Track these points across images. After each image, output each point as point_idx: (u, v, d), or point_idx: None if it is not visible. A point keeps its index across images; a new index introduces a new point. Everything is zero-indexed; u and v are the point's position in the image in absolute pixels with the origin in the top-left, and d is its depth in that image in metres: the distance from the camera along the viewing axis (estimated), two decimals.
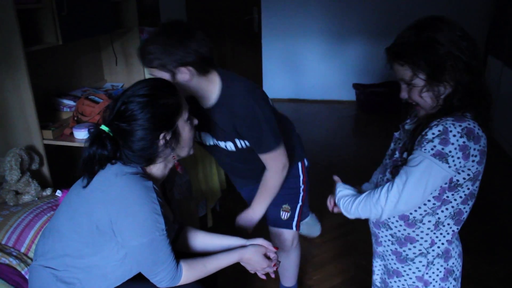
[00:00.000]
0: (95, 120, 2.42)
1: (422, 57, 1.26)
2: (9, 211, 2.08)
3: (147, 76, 3.43)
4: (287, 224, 2.15)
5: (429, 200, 1.33)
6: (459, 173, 1.28)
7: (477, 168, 1.29)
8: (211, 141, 1.94)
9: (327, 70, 6.23)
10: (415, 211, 1.36)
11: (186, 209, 2.55)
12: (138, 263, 1.40)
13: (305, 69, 6.28)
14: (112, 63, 3.40)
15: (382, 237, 1.51)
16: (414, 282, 1.46)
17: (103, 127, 1.38)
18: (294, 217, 2.16)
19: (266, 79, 6.16)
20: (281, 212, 2.13)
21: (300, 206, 2.17)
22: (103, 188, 1.36)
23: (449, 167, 1.24)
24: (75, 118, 2.45)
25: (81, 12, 2.58)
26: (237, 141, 1.87)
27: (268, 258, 1.63)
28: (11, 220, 2.01)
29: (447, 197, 1.32)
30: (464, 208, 1.36)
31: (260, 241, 1.65)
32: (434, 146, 1.23)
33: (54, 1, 2.33)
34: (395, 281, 1.51)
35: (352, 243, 2.97)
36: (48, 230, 1.52)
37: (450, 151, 1.22)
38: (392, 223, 1.44)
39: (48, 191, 2.25)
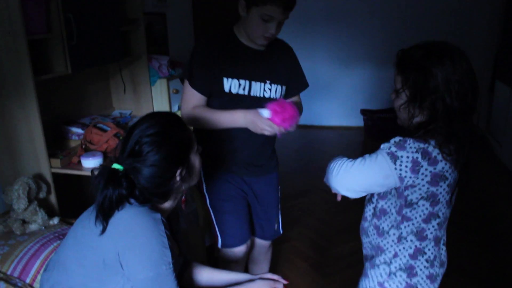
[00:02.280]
0: (103, 148, 2.42)
1: (415, 80, 1.35)
2: (16, 240, 2.07)
3: (155, 103, 3.46)
4: (279, 232, 2.36)
5: (392, 214, 1.45)
6: (411, 193, 1.38)
7: (428, 189, 1.36)
8: (267, 88, 2.00)
9: (334, 96, 6.24)
10: (384, 221, 1.48)
11: (193, 238, 2.53)
12: None
13: (313, 95, 6.28)
14: (121, 91, 3.43)
15: (365, 243, 1.62)
16: (375, 286, 1.53)
17: (117, 166, 1.35)
18: (280, 223, 2.36)
19: None
20: (275, 225, 2.29)
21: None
22: (110, 221, 1.34)
23: (395, 168, 1.33)
24: (83, 146, 2.46)
25: (90, 42, 2.62)
26: (283, 87, 2.11)
27: None
28: (17, 250, 2.00)
29: (406, 213, 1.41)
30: (427, 227, 1.43)
31: (269, 275, 1.63)
32: (390, 147, 1.35)
33: (64, 31, 2.36)
34: (363, 281, 1.60)
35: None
36: (53, 263, 1.50)
37: (401, 156, 1.32)
38: (370, 231, 1.55)
39: (55, 220, 2.24)
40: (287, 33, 6.02)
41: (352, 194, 1.47)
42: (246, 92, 1.96)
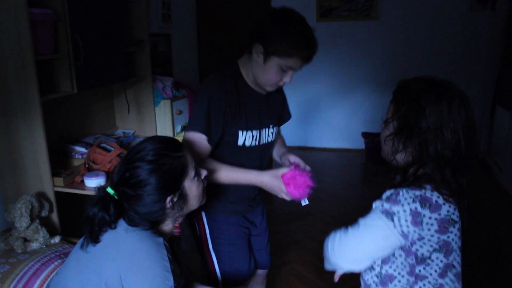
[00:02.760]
0: (106, 168, 2.44)
1: (405, 110, 1.28)
2: (17, 258, 2.06)
3: (159, 124, 3.48)
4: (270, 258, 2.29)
5: (402, 276, 1.31)
6: (420, 246, 1.25)
7: (439, 238, 1.23)
8: (270, 133, 1.94)
9: (336, 118, 6.28)
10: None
11: (194, 260, 2.52)
12: None
13: (315, 117, 6.33)
14: (124, 111, 3.46)
15: (368, 279, 1.46)
16: None
17: (109, 190, 1.38)
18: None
19: None
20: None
21: None
22: (113, 244, 1.35)
23: (394, 226, 1.22)
24: (86, 166, 2.47)
25: (96, 62, 2.65)
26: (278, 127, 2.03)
27: None
28: (18, 269, 2.00)
29: (420, 271, 1.28)
30: (445, 281, 1.28)
31: None
32: (383, 204, 1.25)
33: (71, 52, 2.40)
34: None
35: None
36: (54, 284, 1.49)
37: (398, 211, 1.21)
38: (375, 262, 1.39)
39: (57, 239, 2.24)
40: None
41: (357, 266, 1.34)
42: (257, 143, 1.87)
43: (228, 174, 1.77)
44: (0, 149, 2.30)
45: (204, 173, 1.55)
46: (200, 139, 1.71)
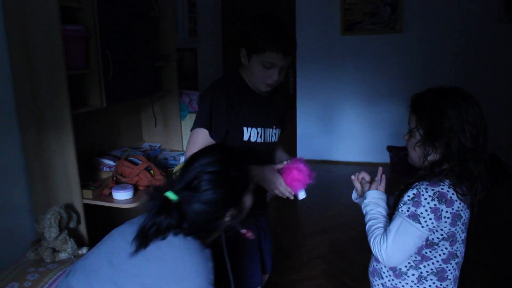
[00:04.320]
0: (134, 181, 2.47)
1: (429, 119, 1.43)
2: (46, 268, 2.11)
3: (185, 137, 3.51)
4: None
5: (411, 255, 1.47)
6: (433, 233, 1.42)
7: (449, 229, 1.42)
8: (273, 134, 1.99)
9: (361, 132, 6.24)
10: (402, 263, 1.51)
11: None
12: None
13: (339, 131, 6.31)
14: (151, 124, 3.51)
15: (375, 285, 1.61)
16: None
17: (171, 195, 1.36)
18: None
19: (300, 140, 6.22)
20: None
21: None
22: (159, 254, 1.32)
23: (422, 227, 1.38)
24: (114, 179, 2.51)
25: (125, 77, 2.71)
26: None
27: None
28: (47, 277, 2.04)
29: (426, 253, 1.46)
30: (447, 267, 1.47)
31: None
32: (409, 208, 1.40)
33: (101, 67, 2.46)
34: None
35: None
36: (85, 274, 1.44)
37: (421, 213, 1.38)
38: (384, 272, 1.56)
39: (84, 250, 2.27)
40: (314, 70, 6.15)
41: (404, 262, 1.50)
42: (262, 140, 1.94)
43: None
44: (31, 161, 2.37)
45: (251, 187, 1.52)
46: (203, 133, 1.81)
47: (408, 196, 1.42)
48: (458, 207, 1.40)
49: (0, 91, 2.26)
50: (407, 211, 1.40)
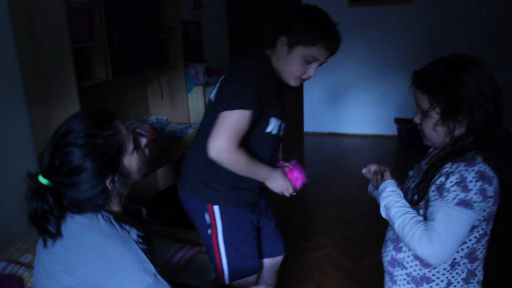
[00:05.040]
0: None
1: (443, 92, 1.29)
2: None
3: (191, 110, 3.51)
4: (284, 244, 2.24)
5: None
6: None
7: (491, 209, 1.31)
8: (284, 128, 1.91)
9: (368, 104, 6.21)
10: None
11: None
12: None
13: (346, 103, 6.28)
14: (158, 97, 3.52)
15: (397, 276, 1.49)
16: None
17: (42, 180, 1.24)
18: None
19: (307, 112, 6.19)
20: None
21: None
22: (77, 251, 1.25)
23: (474, 212, 1.25)
24: None
25: (130, 49, 2.70)
26: None
27: None
28: None
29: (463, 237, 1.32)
30: (478, 246, 1.37)
31: None
32: (457, 195, 1.25)
33: (106, 40, 2.45)
34: None
35: None
36: None
37: (471, 197, 1.24)
38: (408, 262, 1.44)
39: None
40: None
41: None
42: (277, 132, 1.83)
43: (254, 166, 1.71)
44: (38, 134, 2.38)
45: (144, 141, 1.42)
46: (246, 116, 1.61)
47: (451, 182, 1.26)
48: (496, 183, 1.29)
49: (6, 65, 2.26)
50: (454, 198, 1.24)
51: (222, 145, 1.57)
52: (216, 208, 1.83)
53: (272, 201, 2.20)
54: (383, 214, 1.42)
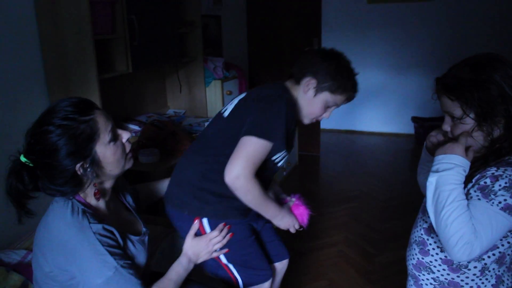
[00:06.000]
0: (159, 146, 2.51)
1: (476, 96, 1.22)
2: None
3: (209, 104, 3.53)
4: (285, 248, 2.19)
5: None
6: None
7: None
8: (286, 159, 1.89)
9: (385, 102, 6.17)
10: None
11: None
12: None
13: (363, 100, 6.24)
14: (176, 91, 3.54)
15: (423, 280, 1.46)
16: None
17: (22, 158, 1.28)
18: None
19: None
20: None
21: None
22: (48, 236, 1.31)
23: None
24: (140, 143, 2.56)
25: (150, 42, 2.72)
26: None
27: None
28: None
29: (496, 242, 1.28)
30: (507, 251, 1.33)
31: None
32: (505, 200, 1.19)
33: (127, 32, 2.47)
34: None
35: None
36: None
37: None
38: (435, 266, 1.40)
39: None
40: (340, 37, 6.06)
41: None
42: (281, 163, 1.80)
43: (261, 192, 1.64)
44: None
45: (126, 135, 1.43)
46: (269, 147, 1.60)
47: (500, 185, 1.20)
48: None
49: (29, 56, 2.30)
50: (500, 203, 1.19)
51: (240, 171, 1.54)
52: (205, 222, 1.72)
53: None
54: (431, 183, 1.27)
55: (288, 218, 1.79)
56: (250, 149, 1.56)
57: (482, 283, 1.35)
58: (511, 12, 5.35)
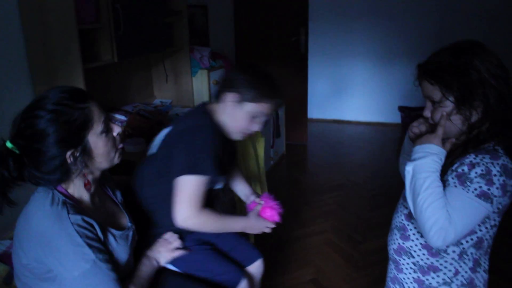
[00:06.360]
0: (146, 135, 2.51)
1: (455, 80, 1.25)
2: None
3: (196, 93, 3.53)
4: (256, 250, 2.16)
5: None
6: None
7: (507, 203, 1.28)
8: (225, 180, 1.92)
9: (372, 92, 6.21)
10: None
11: None
12: None
13: (351, 90, 6.27)
14: (162, 81, 3.53)
15: (403, 264, 1.48)
16: None
17: (8, 143, 1.25)
18: None
19: (311, 99, 6.19)
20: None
21: None
22: (26, 227, 1.29)
23: (491, 206, 1.23)
24: (127, 133, 2.55)
25: (136, 32, 2.71)
26: None
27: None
28: None
29: (474, 227, 1.31)
30: (485, 236, 1.35)
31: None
32: (480, 187, 1.21)
33: (112, 21, 2.46)
34: None
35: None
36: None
37: (493, 192, 1.21)
38: (415, 251, 1.43)
39: None
40: (327, 27, 6.06)
41: None
42: (221, 185, 1.85)
43: (216, 218, 1.70)
44: None
45: (117, 129, 1.43)
46: (205, 180, 1.62)
47: (476, 173, 1.22)
48: None
49: (12, 45, 2.27)
50: (476, 190, 1.21)
51: (187, 213, 1.59)
52: (170, 266, 1.76)
53: (274, 187, 2.21)
54: (408, 172, 1.30)
55: (258, 224, 1.81)
56: (187, 189, 1.59)
57: (460, 266, 1.37)
58: (499, 2, 5.39)
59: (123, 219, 1.54)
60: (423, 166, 1.27)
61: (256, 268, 2.03)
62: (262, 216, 1.83)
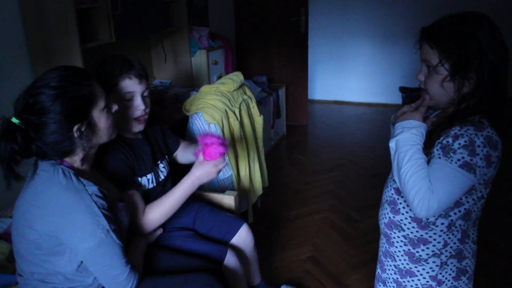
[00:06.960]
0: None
1: (455, 46, 1.25)
2: None
3: (195, 73, 3.52)
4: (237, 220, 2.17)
5: None
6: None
7: (492, 174, 1.30)
8: (162, 169, 1.96)
9: (373, 72, 6.18)
10: None
11: (228, 203, 2.62)
12: (93, 269, 1.39)
13: (351, 71, 6.25)
14: (161, 61, 3.53)
15: (394, 238, 1.51)
16: (427, 282, 1.46)
17: (13, 119, 1.30)
18: None
19: (311, 80, 6.19)
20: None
21: None
22: (38, 204, 1.33)
23: (475, 176, 1.24)
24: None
25: (134, 11, 2.70)
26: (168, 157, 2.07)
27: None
28: None
29: (461, 199, 1.33)
30: (473, 208, 1.37)
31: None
32: (462, 157, 1.23)
33: (109, 1, 2.45)
34: (408, 281, 1.50)
35: None
36: (15, 253, 1.48)
37: (476, 162, 1.22)
38: (405, 224, 1.45)
39: None
40: (327, 7, 6.02)
41: None
42: (155, 183, 1.88)
43: (171, 199, 1.74)
44: None
45: (115, 107, 1.50)
46: (136, 192, 1.73)
47: (459, 144, 1.23)
48: (500, 149, 1.27)
49: (10, 25, 2.28)
50: (459, 160, 1.22)
51: (141, 225, 1.72)
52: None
53: (274, 167, 2.22)
54: (392, 148, 1.38)
55: (205, 169, 1.74)
56: (135, 205, 1.70)
57: (449, 238, 1.40)
58: None
59: (115, 192, 1.60)
60: (404, 141, 1.33)
61: (242, 237, 2.04)
62: (206, 159, 1.73)
